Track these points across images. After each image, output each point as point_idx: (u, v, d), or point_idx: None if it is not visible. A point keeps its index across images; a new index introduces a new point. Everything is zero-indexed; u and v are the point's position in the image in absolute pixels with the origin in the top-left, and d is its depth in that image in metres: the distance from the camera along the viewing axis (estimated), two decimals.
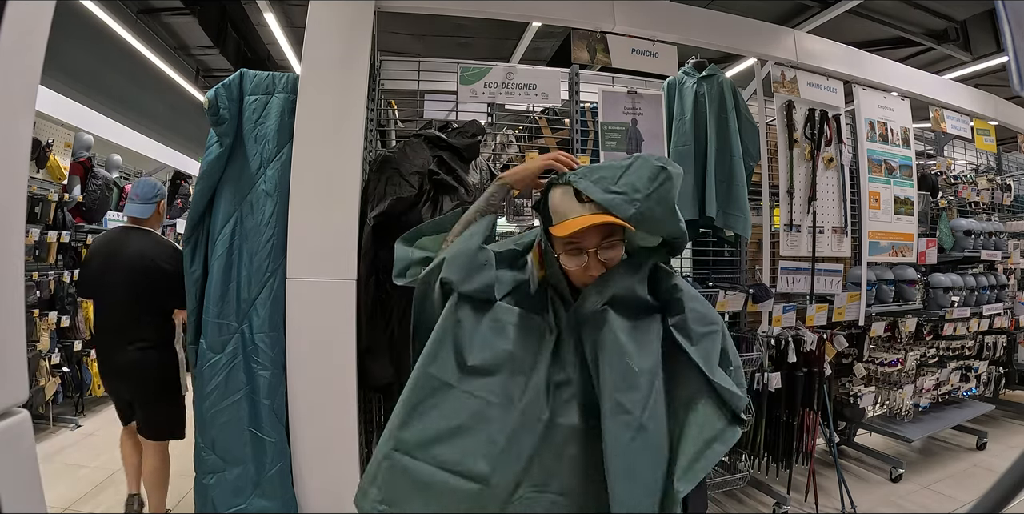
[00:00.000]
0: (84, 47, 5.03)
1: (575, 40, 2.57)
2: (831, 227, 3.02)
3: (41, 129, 3.77)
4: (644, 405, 0.94)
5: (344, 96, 2.16)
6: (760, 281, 2.90)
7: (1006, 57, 0.66)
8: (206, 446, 2.07)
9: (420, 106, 2.73)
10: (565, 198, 1.05)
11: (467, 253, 1.08)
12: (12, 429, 0.72)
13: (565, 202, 1.05)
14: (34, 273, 3.79)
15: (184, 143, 6.52)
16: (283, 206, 2.11)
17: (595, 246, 1.03)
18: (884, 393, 3.42)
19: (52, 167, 3.88)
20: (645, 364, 0.98)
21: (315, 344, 2.09)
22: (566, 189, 1.05)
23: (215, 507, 2.04)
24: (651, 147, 2.64)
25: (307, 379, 2.09)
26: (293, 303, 2.09)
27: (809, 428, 2.83)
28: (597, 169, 1.06)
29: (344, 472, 2.10)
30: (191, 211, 2.17)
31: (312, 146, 2.13)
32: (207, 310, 2.09)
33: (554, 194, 1.07)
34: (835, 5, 4.48)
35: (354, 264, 2.12)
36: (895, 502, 2.92)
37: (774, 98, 2.91)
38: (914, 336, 3.57)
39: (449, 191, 2.19)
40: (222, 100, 2.10)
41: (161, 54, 5.57)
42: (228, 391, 2.05)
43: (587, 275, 1.05)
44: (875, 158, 3.18)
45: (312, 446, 2.09)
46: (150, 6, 5.08)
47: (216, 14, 5.29)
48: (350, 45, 2.19)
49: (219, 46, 5.49)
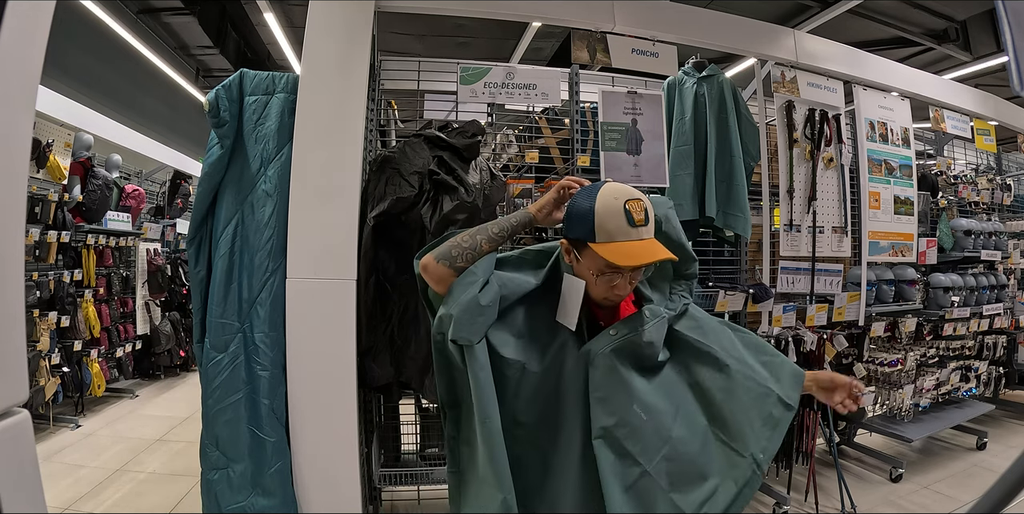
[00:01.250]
0: (84, 47, 5.03)
1: (575, 40, 2.57)
2: (831, 227, 3.02)
3: (41, 129, 3.77)
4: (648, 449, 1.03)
5: (344, 96, 2.16)
6: (760, 281, 2.90)
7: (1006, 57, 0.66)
8: (211, 443, 2.08)
9: (420, 106, 2.73)
10: (615, 216, 1.01)
11: (471, 309, 1.03)
12: (12, 429, 0.72)
13: (614, 220, 1.01)
14: (34, 273, 3.79)
15: (184, 143, 6.53)
16: (283, 206, 2.11)
17: (633, 270, 1.04)
18: (884, 393, 3.42)
19: (52, 167, 3.88)
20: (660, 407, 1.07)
21: (315, 344, 2.09)
22: (615, 203, 1.01)
23: (218, 503, 2.05)
24: (651, 147, 2.64)
25: (307, 379, 2.09)
26: (293, 303, 2.09)
27: (809, 428, 2.83)
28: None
29: (344, 472, 2.10)
30: (194, 212, 2.18)
31: (312, 146, 2.12)
32: (211, 310, 2.10)
33: (600, 209, 1.02)
34: (835, 5, 4.49)
35: (354, 264, 2.12)
36: (895, 502, 2.92)
37: (774, 98, 2.91)
38: (914, 336, 3.57)
39: (449, 191, 2.19)
40: (222, 102, 2.10)
41: (161, 54, 5.57)
42: (230, 390, 2.06)
43: (612, 293, 1.06)
44: (875, 158, 3.18)
45: (312, 446, 2.09)
46: (150, 6, 5.08)
47: (216, 14, 5.29)
48: (350, 45, 2.19)
49: (219, 46, 5.49)
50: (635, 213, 1.01)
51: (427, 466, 2.55)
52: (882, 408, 3.50)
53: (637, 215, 1.01)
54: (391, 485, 2.50)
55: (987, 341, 4.00)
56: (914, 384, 3.44)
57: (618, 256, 0.99)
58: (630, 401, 1.04)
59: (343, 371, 2.10)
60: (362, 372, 2.17)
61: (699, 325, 1.18)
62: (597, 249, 1.02)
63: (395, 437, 2.72)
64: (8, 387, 0.72)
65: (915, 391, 3.45)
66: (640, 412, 1.03)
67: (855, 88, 3.17)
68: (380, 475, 2.46)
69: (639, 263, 1.00)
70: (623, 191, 1.04)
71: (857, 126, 3.14)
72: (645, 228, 1.02)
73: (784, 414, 1.13)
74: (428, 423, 2.71)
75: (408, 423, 2.72)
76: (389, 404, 2.62)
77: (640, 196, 1.04)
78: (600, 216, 1.01)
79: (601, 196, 1.03)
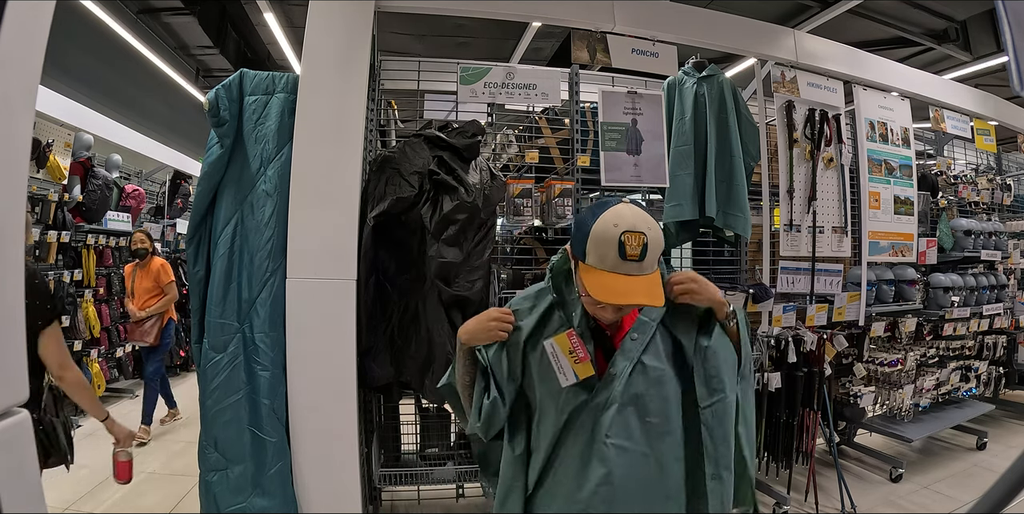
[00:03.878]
0: (84, 47, 5.03)
1: (575, 40, 2.57)
2: (831, 227, 3.02)
3: (41, 129, 3.77)
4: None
5: (344, 96, 2.16)
6: (760, 281, 2.90)
7: (1006, 57, 0.66)
8: (209, 444, 2.07)
9: (420, 106, 2.73)
10: (608, 244, 0.96)
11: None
12: (12, 429, 0.72)
13: (606, 248, 0.96)
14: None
15: (184, 143, 6.52)
16: (283, 206, 2.11)
17: (620, 306, 1.03)
18: (884, 393, 3.42)
19: (52, 167, 3.88)
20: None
21: (315, 344, 2.09)
22: (611, 231, 0.96)
23: (217, 504, 2.04)
24: (651, 147, 2.64)
25: (307, 379, 2.09)
26: (293, 303, 2.09)
27: (809, 428, 2.83)
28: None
29: (344, 472, 2.10)
30: (193, 212, 2.18)
31: (312, 146, 2.12)
32: (209, 310, 2.09)
33: (596, 230, 0.98)
34: (835, 5, 4.48)
35: (354, 264, 2.11)
36: (895, 502, 2.92)
37: (774, 98, 2.91)
38: (914, 336, 3.57)
39: (449, 191, 2.19)
40: (222, 101, 2.10)
41: (161, 54, 5.57)
42: (229, 390, 2.06)
43: (599, 313, 1.06)
44: (875, 158, 3.18)
45: (312, 446, 2.09)
46: (150, 6, 5.08)
47: (216, 14, 5.29)
48: (350, 45, 2.19)
49: (219, 46, 5.48)
50: (629, 246, 0.95)
51: (427, 466, 2.55)
52: (882, 408, 3.50)
53: (631, 249, 0.95)
54: (391, 485, 2.50)
55: (987, 341, 3.99)
56: (914, 384, 3.44)
57: (598, 289, 0.97)
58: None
59: (343, 371, 2.10)
60: (362, 372, 2.17)
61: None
62: (583, 273, 1.01)
63: (395, 437, 2.72)
64: (8, 387, 0.72)
65: (915, 391, 3.45)
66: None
67: (855, 88, 3.16)
68: (380, 475, 2.46)
69: (614, 302, 0.97)
70: (627, 219, 0.97)
71: (857, 126, 3.14)
72: (638, 264, 0.96)
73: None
74: (428, 423, 2.71)
75: (408, 423, 2.72)
76: (389, 404, 2.62)
77: (643, 229, 0.97)
78: (593, 240, 0.98)
79: (602, 218, 0.98)
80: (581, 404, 1.06)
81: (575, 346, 1.06)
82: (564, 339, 1.07)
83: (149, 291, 3.94)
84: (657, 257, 1.00)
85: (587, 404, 1.06)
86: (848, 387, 3.28)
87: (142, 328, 3.90)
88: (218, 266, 2.09)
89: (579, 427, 1.06)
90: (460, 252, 2.19)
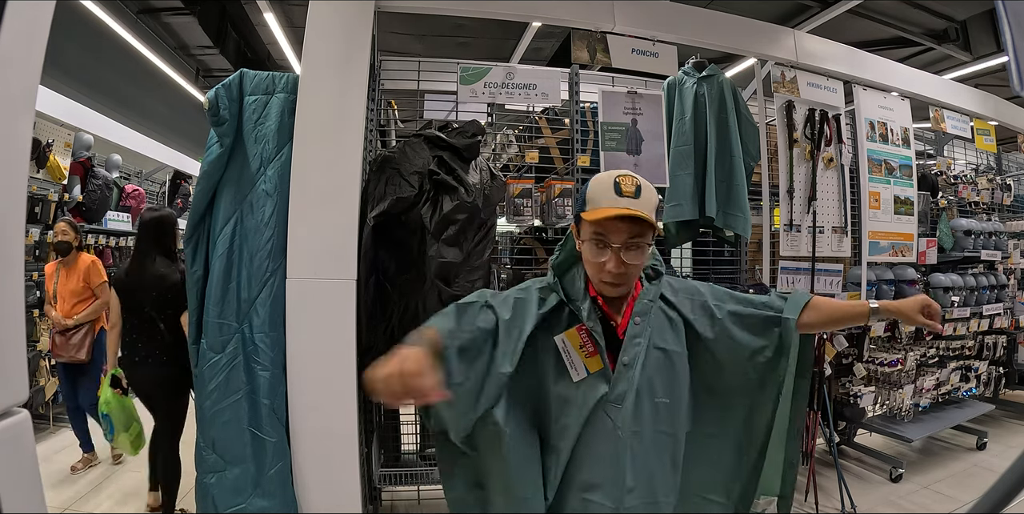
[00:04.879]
0: (84, 47, 5.03)
1: (575, 40, 2.57)
2: (831, 227, 3.02)
3: (41, 129, 3.77)
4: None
5: (344, 96, 2.16)
6: (760, 281, 2.90)
7: (1006, 57, 0.66)
8: (207, 446, 2.07)
9: (420, 106, 2.73)
10: (603, 188, 1.06)
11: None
12: (12, 429, 0.72)
13: (603, 190, 1.05)
14: (34, 273, 3.78)
15: (184, 143, 6.53)
16: (283, 206, 2.11)
17: (621, 243, 1.04)
18: (884, 393, 3.42)
19: (52, 167, 3.88)
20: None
21: (315, 344, 2.09)
22: (606, 177, 1.07)
23: (215, 506, 2.03)
24: (651, 147, 2.64)
25: (307, 379, 2.09)
26: (293, 303, 2.09)
27: (809, 428, 2.83)
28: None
29: (344, 472, 2.10)
30: (192, 211, 2.17)
31: (312, 146, 2.12)
32: (207, 310, 2.09)
33: (592, 182, 1.09)
34: (835, 5, 4.48)
35: (354, 264, 2.12)
36: (895, 502, 2.92)
37: (774, 98, 2.91)
38: (914, 336, 3.57)
39: (449, 191, 2.19)
40: (222, 100, 2.10)
41: (161, 54, 5.57)
42: (228, 391, 2.05)
43: (606, 273, 1.05)
44: (875, 158, 3.18)
45: (312, 446, 2.09)
46: (150, 6, 5.08)
47: (216, 14, 5.29)
48: (350, 45, 2.19)
49: (219, 46, 5.48)
50: (624, 185, 1.04)
51: (427, 466, 2.55)
52: (882, 408, 3.50)
53: (626, 187, 1.04)
54: (391, 485, 2.50)
55: (987, 341, 4.00)
56: (914, 384, 3.44)
57: (597, 214, 1.03)
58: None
59: (343, 371, 2.10)
60: (362, 372, 2.17)
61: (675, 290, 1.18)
62: (584, 216, 1.06)
63: (395, 437, 2.72)
64: (8, 387, 0.72)
65: (915, 391, 3.45)
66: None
67: (855, 88, 3.16)
68: (380, 475, 2.46)
69: (608, 215, 1.01)
70: (620, 171, 1.08)
71: (857, 126, 3.14)
72: (634, 200, 1.03)
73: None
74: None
75: (408, 423, 2.72)
76: None
77: (637, 176, 1.08)
78: (591, 188, 1.08)
79: (598, 175, 1.10)
80: (602, 397, 1.07)
81: (585, 340, 1.09)
82: (574, 334, 1.10)
83: (77, 294, 3.19)
84: (653, 207, 1.07)
85: (607, 397, 1.07)
86: (848, 387, 3.28)
87: (70, 341, 3.13)
88: (217, 266, 2.09)
89: (600, 420, 1.07)
90: (460, 252, 2.19)
